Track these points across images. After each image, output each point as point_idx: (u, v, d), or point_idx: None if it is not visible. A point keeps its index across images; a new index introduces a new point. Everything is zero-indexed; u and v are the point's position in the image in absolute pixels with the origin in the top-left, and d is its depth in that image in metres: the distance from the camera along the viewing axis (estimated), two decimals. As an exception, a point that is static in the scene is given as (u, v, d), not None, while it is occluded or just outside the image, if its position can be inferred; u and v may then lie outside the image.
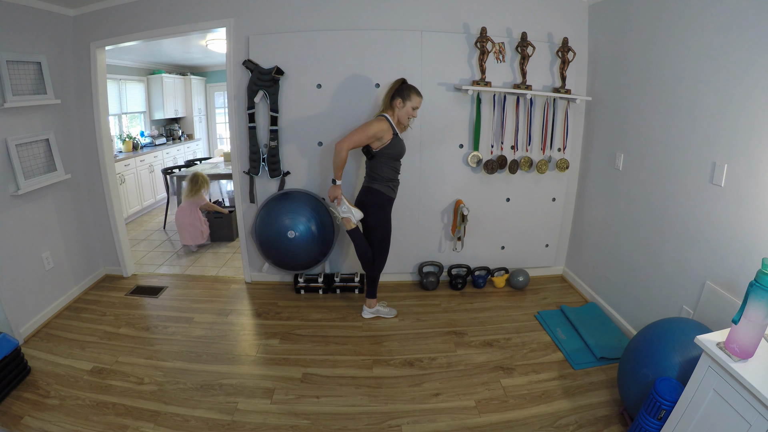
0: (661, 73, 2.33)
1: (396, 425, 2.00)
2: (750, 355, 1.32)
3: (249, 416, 2.05)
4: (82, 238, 3.28)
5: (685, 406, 1.49)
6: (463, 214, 3.08)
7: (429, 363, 2.45)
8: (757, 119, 1.77)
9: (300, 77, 2.92)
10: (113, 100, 5.59)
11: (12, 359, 2.20)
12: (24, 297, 2.69)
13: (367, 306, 2.88)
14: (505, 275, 3.37)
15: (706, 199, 2.05)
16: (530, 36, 2.87)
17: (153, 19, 2.93)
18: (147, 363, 2.44)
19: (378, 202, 2.58)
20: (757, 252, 1.77)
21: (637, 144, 2.58)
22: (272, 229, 3.01)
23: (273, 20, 2.87)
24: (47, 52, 2.82)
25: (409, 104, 2.47)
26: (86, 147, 3.21)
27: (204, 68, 7.62)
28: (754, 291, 1.28)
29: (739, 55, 1.84)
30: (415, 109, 2.51)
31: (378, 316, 2.90)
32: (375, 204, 2.59)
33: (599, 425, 1.99)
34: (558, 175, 3.25)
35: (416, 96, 2.49)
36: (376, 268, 2.75)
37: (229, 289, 3.38)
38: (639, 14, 2.49)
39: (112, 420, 2.00)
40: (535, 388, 2.24)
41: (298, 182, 3.17)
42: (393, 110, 2.50)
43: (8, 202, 2.59)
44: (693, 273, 2.14)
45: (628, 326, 2.67)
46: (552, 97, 3.00)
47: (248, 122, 2.98)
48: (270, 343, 2.64)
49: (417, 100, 2.49)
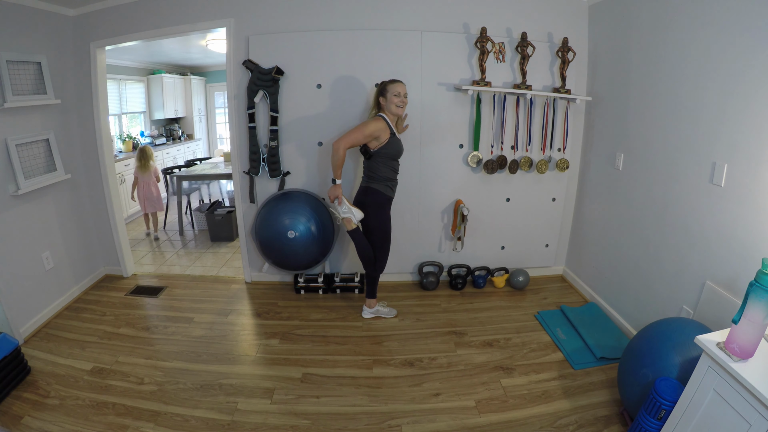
0: (661, 73, 2.33)
1: (396, 425, 2.00)
2: (750, 355, 1.32)
3: (249, 416, 2.05)
4: (82, 238, 3.28)
5: (685, 406, 1.49)
6: (463, 214, 3.08)
7: (429, 363, 2.45)
8: (757, 119, 1.77)
9: (300, 77, 2.92)
10: (113, 100, 5.59)
11: (12, 359, 2.20)
12: (24, 297, 2.69)
13: (367, 306, 2.88)
14: (505, 275, 3.37)
15: (706, 199, 2.05)
16: (530, 36, 2.87)
17: (153, 19, 2.93)
18: (147, 363, 2.44)
19: (378, 202, 2.58)
20: (757, 252, 1.77)
21: (637, 144, 2.58)
22: (272, 229, 3.01)
23: (273, 20, 2.87)
24: (47, 52, 2.82)
25: (389, 94, 2.47)
26: (86, 147, 3.21)
27: (204, 68, 7.63)
28: (754, 291, 1.28)
29: (740, 55, 1.84)
30: (399, 95, 2.47)
31: (378, 316, 2.90)
32: (374, 203, 2.59)
33: (599, 425, 1.99)
34: (558, 175, 3.25)
35: (392, 84, 2.48)
36: (377, 267, 2.75)
37: (229, 289, 3.38)
38: (639, 14, 2.49)
39: (112, 420, 2.00)
40: (535, 388, 2.24)
41: (298, 182, 3.17)
42: (384, 109, 2.51)
43: (8, 202, 2.59)
44: (693, 273, 2.14)
45: (628, 326, 2.67)
46: (552, 97, 3.00)
47: (248, 122, 2.98)
48: (270, 343, 2.64)
49: (395, 86, 2.47)
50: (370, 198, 2.58)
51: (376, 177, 2.56)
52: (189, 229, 4.94)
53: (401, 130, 2.72)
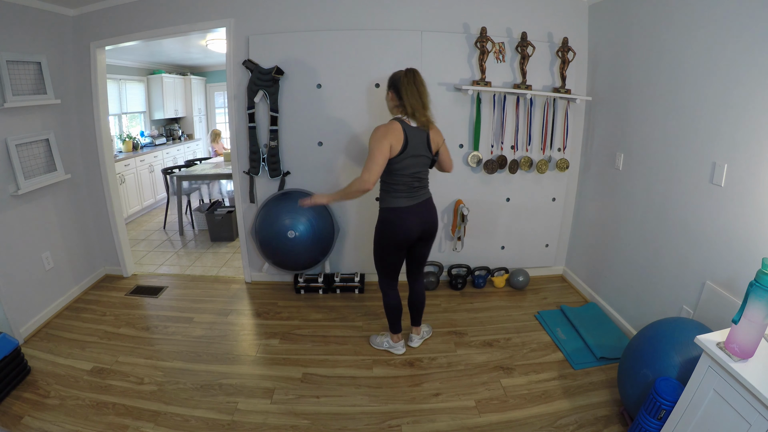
0: (661, 72, 2.33)
1: (396, 425, 2.00)
2: (750, 355, 1.31)
3: (249, 416, 2.05)
4: (82, 238, 3.28)
5: (685, 406, 1.49)
6: (463, 214, 3.08)
7: (429, 363, 2.45)
8: (757, 119, 1.77)
9: (300, 77, 2.92)
10: (113, 100, 5.59)
11: (12, 359, 2.20)
12: (24, 297, 2.69)
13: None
14: (505, 275, 3.37)
15: (706, 199, 2.05)
16: (530, 36, 2.87)
17: (153, 19, 2.93)
18: (147, 363, 2.44)
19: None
20: (757, 252, 1.77)
21: (637, 144, 2.58)
22: (272, 229, 3.01)
23: (273, 20, 2.87)
24: (47, 52, 2.82)
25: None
26: (86, 147, 3.21)
27: (204, 68, 7.63)
28: (754, 291, 1.28)
29: (740, 54, 1.84)
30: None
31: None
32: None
33: (599, 425, 1.99)
34: (558, 175, 3.25)
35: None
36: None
37: (229, 289, 3.38)
38: (639, 14, 2.49)
39: (112, 420, 2.00)
40: (535, 388, 2.24)
41: (298, 182, 3.17)
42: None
43: (8, 202, 2.59)
44: (693, 273, 2.14)
45: (628, 326, 2.67)
46: (552, 97, 3.00)
47: (248, 122, 2.98)
48: (270, 343, 2.64)
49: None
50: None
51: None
52: (189, 229, 4.94)
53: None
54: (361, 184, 1.99)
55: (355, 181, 2.02)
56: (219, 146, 6.23)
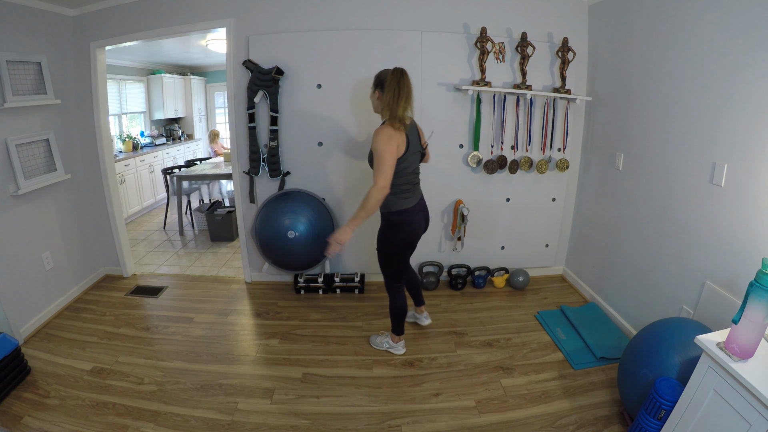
0: (661, 72, 2.33)
1: (396, 425, 2.00)
2: (750, 355, 1.31)
3: (249, 416, 2.05)
4: (82, 238, 3.28)
5: (685, 406, 1.49)
6: (463, 214, 3.08)
7: (429, 363, 2.45)
8: (757, 119, 1.77)
9: (300, 77, 2.92)
10: (113, 100, 5.59)
11: (12, 359, 2.20)
12: (24, 297, 2.69)
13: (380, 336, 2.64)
14: (505, 275, 3.37)
15: (706, 199, 2.05)
16: (530, 36, 2.87)
17: (153, 19, 2.93)
18: (147, 363, 2.44)
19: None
20: (757, 252, 1.77)
21: (637, 144, 2.58)
22: (272, 229, 3.01)
23: (273, 20, 2.87)
24: (47, 52, 2.82)
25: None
26: (86, 147, 3.21)
27: (204, 68, 7.63)
28: (754, 291, 1.28)
29: (740, 54, 1.84)
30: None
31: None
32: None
33: (599, 425, 1.99)
34: (558, 175, 3.25)
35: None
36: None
37: (229, 289, 3.38)
38: (639, 14, 2.49)
39: (112, 420, 2.01)
40: (535, 388, 2.24)
41: (298, 182, 3.17)
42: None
43: (8, 202, 2.59)
44: (693, 273, 2.14)
45: (628, 326, 2.67)
46: (552, 97, 3.00)
47: (248, 122, 2.98)
48: (270, 343, 2.64)
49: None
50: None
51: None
52: (189, 229, 4.94)
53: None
54: (379, 191, 1.97)
55: (372, 191, 1.97)
56: (218, 146, 6.24)
